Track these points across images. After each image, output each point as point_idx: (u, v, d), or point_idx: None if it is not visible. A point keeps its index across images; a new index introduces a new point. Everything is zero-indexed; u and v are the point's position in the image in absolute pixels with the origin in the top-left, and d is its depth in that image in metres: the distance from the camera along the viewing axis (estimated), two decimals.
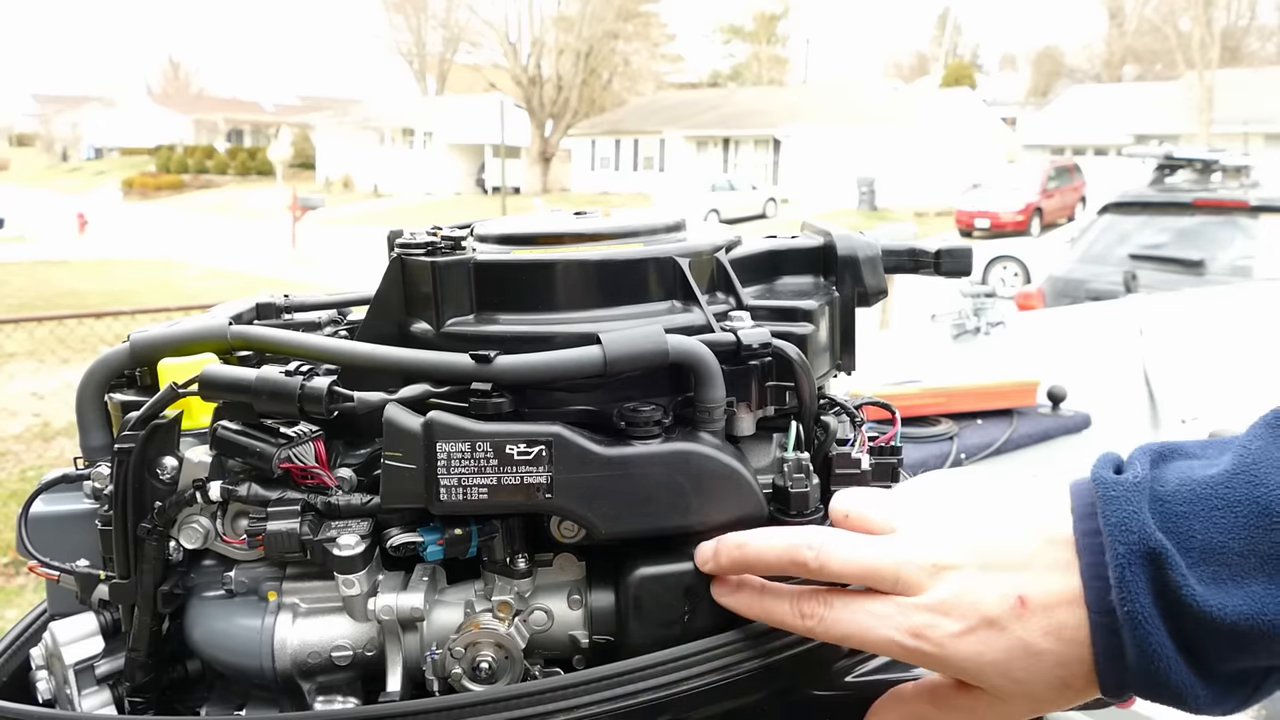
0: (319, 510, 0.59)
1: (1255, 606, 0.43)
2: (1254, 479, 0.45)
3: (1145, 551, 0.45)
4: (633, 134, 34.36)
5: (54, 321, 6.60)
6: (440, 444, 0.56)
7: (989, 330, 3.22)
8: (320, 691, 0.60)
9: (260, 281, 14.12)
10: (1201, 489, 0.46)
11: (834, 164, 27.33)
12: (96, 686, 0.61)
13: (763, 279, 0.72)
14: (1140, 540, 0.45)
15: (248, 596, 0.61)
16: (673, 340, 0.58)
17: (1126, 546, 0.45)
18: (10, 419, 6.50)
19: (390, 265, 0.66)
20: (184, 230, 25.45)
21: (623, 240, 0.67)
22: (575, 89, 34.64)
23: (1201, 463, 0.48)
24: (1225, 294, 4.09)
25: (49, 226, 24.29)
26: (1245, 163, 6.02)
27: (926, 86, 39.79)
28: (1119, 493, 0.47)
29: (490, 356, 0.57)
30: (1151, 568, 0.45)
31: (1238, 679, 0.46)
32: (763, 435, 0.64)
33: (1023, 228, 19.60)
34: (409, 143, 37.78)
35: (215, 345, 0.66)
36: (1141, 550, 0.45)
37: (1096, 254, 5.99)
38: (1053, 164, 22.84)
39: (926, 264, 0.76)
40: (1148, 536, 0.45)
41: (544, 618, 0.59)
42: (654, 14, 42.25)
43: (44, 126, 62.87)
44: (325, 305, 0.82)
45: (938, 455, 2.49)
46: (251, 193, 35.69)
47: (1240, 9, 35.96)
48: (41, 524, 0.64)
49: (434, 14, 42.64)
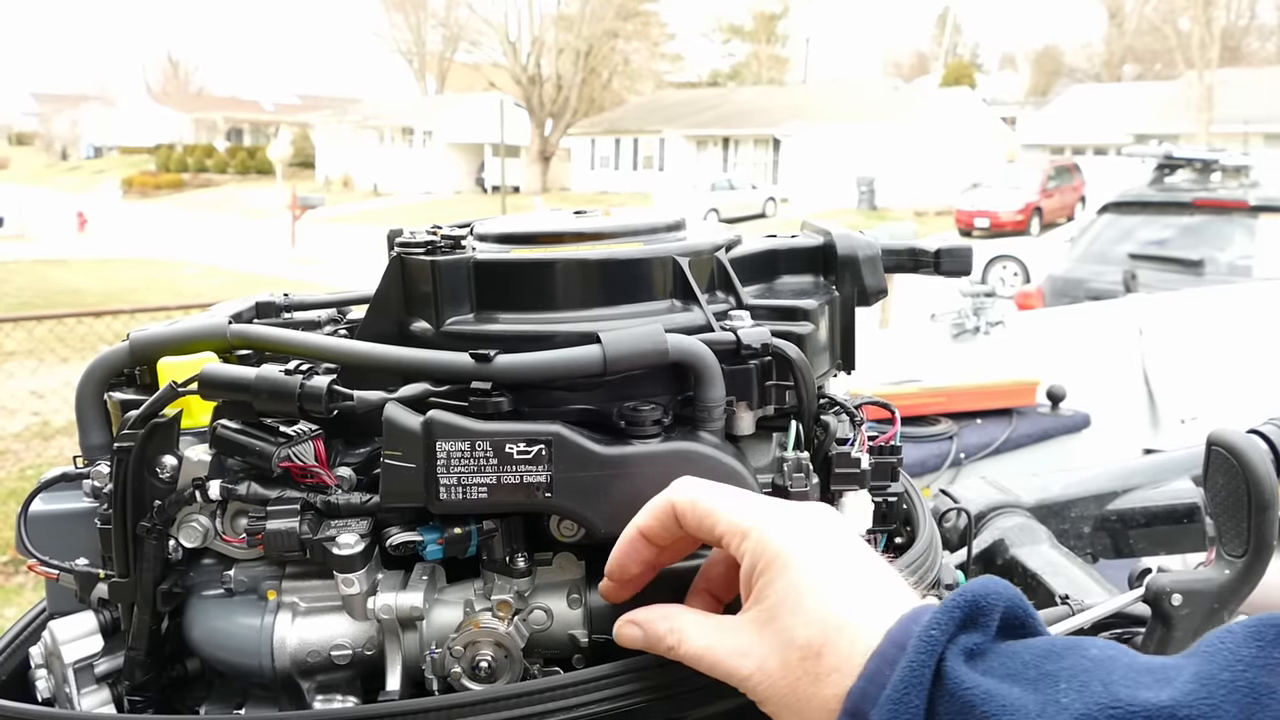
0: (318, 509, 0.58)
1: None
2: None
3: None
4: (632, 133, 34.35)
5: (53, 320, 6.59)
6: (440, 443, 0.56)
7: (989, 330, 3.22)
8: (320, 690, 0.60)
9: (260, 280, 14.12)
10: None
11: (834, 163, 27.33)
12: (96, 685, 0.61)
13: (762, 278, 0.72)
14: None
15: (247, 595, 0.61)
16: (672, 339, 0.58)
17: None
18: (10, 418, 6.50)
19: (390, 264, 0.66)
20: (183, 229, 25.44)
21: (623, 239, 0.67)
22: (575, 88, 34.64)
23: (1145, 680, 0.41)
24: (1225, 294, 4.09)
25: (48, 225, 24.28)
26: (1245, 162, 6.02)
27: (926, 86, 39.76)
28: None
29: (490, 355, 0.57)
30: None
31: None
32: (763, 435, 0.64)
33: (1022, 227, 19.60)
34: (409, 141, 37.76)
35: (215, 344, 0.66)
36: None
37: (1096, 253, 6.00)
38: (1052, 163, 22.84)
39: (926, 263, 0.76)
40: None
41: (543, 617, 0.59)
42: (654, 13, 42.28)
43: (43, 125, 62.85)
44: (325, 304, 0.82)
45: (937, 454, 2.50)
46: (251, 191, 35.68)
47: (1240, 9, 35.95)
48: (41, 522, 0.64)
49: (434, 13, 42.68)
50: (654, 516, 0.54)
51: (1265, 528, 0.76)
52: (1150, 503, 1.14)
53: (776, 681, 0.47)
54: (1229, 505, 0.77)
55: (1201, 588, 0.78)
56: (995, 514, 1.11)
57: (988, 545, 1.07)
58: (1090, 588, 0.95)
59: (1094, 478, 1.18)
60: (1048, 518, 1.13)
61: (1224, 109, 25.81)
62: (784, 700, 0.47)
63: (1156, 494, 1.15)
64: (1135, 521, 1.14)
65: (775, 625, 0.48)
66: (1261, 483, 0.75)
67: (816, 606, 0.48)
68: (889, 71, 58.56)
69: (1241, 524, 0.76)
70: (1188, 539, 1.12)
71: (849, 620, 0.47)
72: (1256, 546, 0.76)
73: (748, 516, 0.51)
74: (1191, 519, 1.11)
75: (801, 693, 0.47)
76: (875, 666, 0.45)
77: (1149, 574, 0.80)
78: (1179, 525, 1.12)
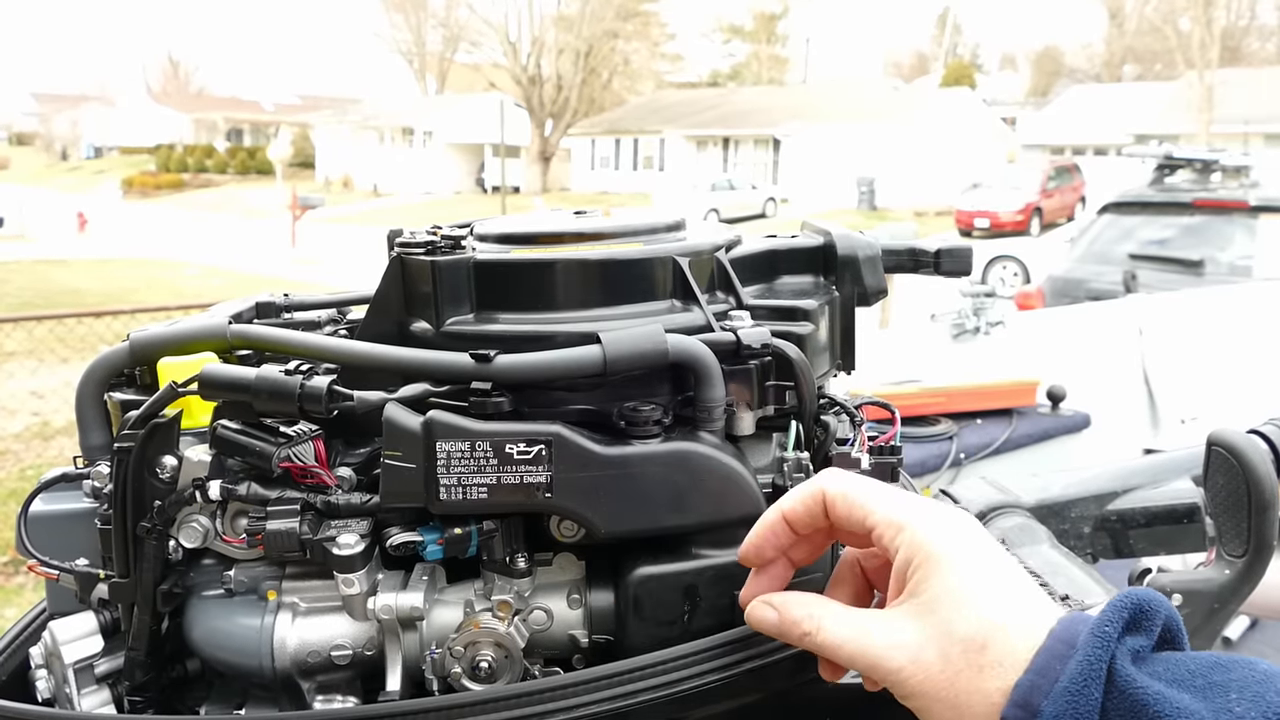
0: (318, 509, 0.59)
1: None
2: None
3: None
4: (632, 133, 34.34)
5: (53, 320, 6.59)
6: (440, 443, 0.56)
7: (989, 330, 3.22)
8: (320, 690, 0.60)
9: (260, 281, 14.12)
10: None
11: (834, 163, 27.32)
12: (96, 685, 0.61)
13: (762, 278, 0.72)
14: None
15: (247, 596, 0.61)
16: (672, 340, 0.58)
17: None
18: (10, 418, 6.50)
19: (390, 264, 0.66)
20: (183, 229, 25.43)
21: (623, 240, 0.67)
22: (575, 88, 34.62)
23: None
24: (1225, 294, 4.09)
25: (48, 225, 24.27)
26: (1245, 163, 6.02)
27: (926, 86, 39.78)
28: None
29: (490, 356, 0.57)
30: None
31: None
32: (763, 435, 0.64)
33: (1022, 227, 19.60)
34: (409, 142, 37.75)
35: (215, 344, 0.66)
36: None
37: (1096, 254, 5.99)
38: (1052, 164, 22.83)
39: (926, 263, 0.76)
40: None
41: (544, 617, 0.59)
42: (654, 13, 42.25)
43: (43, 125, 62.82)
44: (325, 304, 0.82)
45: (937, 454, 2.49)
46: (251, 192, 35.67)
47: (1240, 9, 35.94)
48: (41, 523, 0.64)
49: (434, 13, 42.65)
50: (801, 502, 0.53)
51: (1265, 528, 0.76)
52: (1150, 503, 1.14)
53: (935, 674, 0.47)
54: (1229, 505, 0.77)
55: (1201, 588, 0.78)
56: (995, 514, 1.11)
57: None
58: (1090, 588, 0.95)
59: (1094, 478, 1.18)
60: (1048, 518, 1.13)
61: (1224, 109, 25.81)
62: (940, 693, 0.47)
63: (1157, 494, 1.15)
64: (1135, 521, 1.14)
65: (934, 618, 0.48)
66: (1261, 483, 0.75)
67: (978, 603, 0.47)
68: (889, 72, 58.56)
69: (1241, 524, 0.76)
70: (1188, 539, 1.12)
71: (1010, 618, 0.47)
72: (1256, 546, 0.76)
73: (902, 512, 0.51)
74: (1192, 519, 1.11)
75: (962, 685, 0.46)
76: (1044, 661, 0.45)
77: (1149, 574, 0.81)
78: (1179, 525, 1.12)
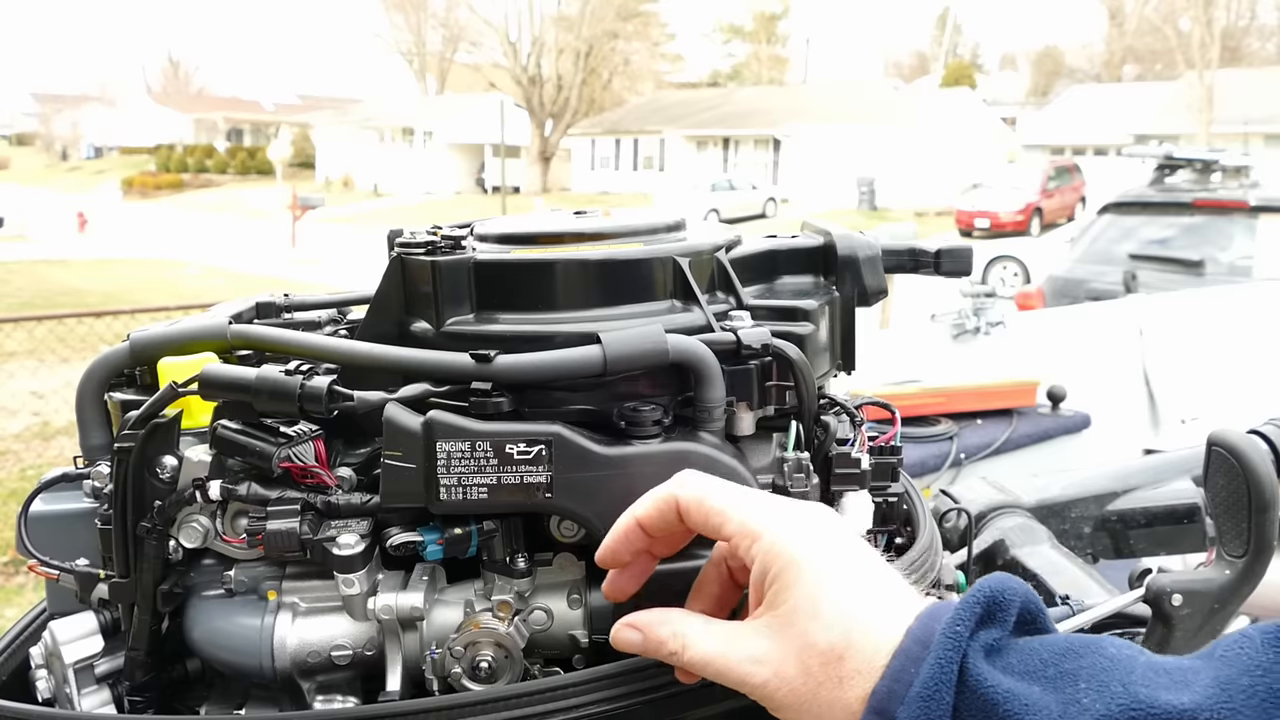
0: (319, 509, 0.58)
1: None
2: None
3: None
4: (633, 134, 34.34)
5: (54, 320, 6.59)
6: (440, 443, 0.56)
7: (989, 330, 3.22)
8: (320, 691, 0.60)
9: (260, 280, 14.12)
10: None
11: (834, 164, 27.31)
12: (96, 685, 0.61)
13: (763, 279, 0.72)
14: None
15: (247, 596, 0.61)
16: (672, 340, 0.58)
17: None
18: (10, 418, 6.50)
19: (390, 264, 0.66)
20: (184, 229, 25.42)
21: (623, 240, 0.67)
22: (575, 88, 34.61)
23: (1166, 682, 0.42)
24: (1225, 294, 4.09)
25: (49, 225, 24.26)
26: (1245, 163, 6.02)
27: (926, 86, 39.77)
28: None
29: (490, 356, 0.57)
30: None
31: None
32: (763, 435, 0.64)
33: (1022, 227, 19.59)
34: (409, 142, 37.75)
35: (215, 344, 0.66)
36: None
37: (1096, 254, 5.99)
38: (1053, 164, 22.82)
39: (926, 264, 0.76)
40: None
41: (544, 617, 0.59)
42: (654, 13, 42.26)
43: (43, 125, 62.78)
44: (325, 305, 0.82)
45: (937, 455, 2.49)
46: (251, 192, 35.66)
47: (1240, 9, 35.92)
48: (41, 523, 0.64)
49: (434, 13, 42.63)
50: (654, 507, 0.53)
51: (1265, 528, 0.76)
52: (1150, 503, 1.14)
53: (797, 688, 0.47)
54: (1229, 505, 0.77)
55: (1202, 588, 0.78)
56: (995, 514, 1.11)
57: (988, 546, 1.07)
58: (1090, 588, 0.95)
59: (1094, 478, 1.19)
60: (1048, 518, 1.13)
61: (1224, 109, 25.81)
62: (804, 706, 0.47)
63: (1157, 494, 1.15)
64: (1135, 522, 1.14)
65: (792, 630, 0.48)
66: (1262, 483, 0.75)
67: (835, 610, 0.47)
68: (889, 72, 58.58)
69: (1242, 524, 0.76)
70: (1188, 539, 1.12)
71: (868, 621, 0.47)
72: (1257, 547, 0.76)
73: (758, 519, 0.50)
74: (1192, 519, 1.11)
75: (824, 698, 0.46)
76: (900, 665, 0.45)
77: (1149, 574, 0.80)
78: (1179, 525, 1.12)
